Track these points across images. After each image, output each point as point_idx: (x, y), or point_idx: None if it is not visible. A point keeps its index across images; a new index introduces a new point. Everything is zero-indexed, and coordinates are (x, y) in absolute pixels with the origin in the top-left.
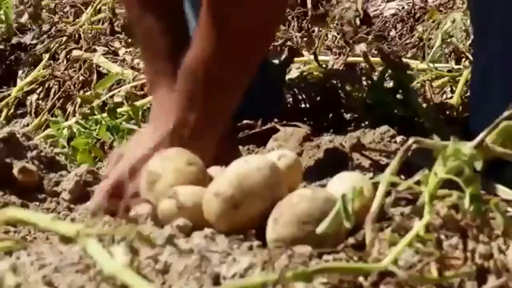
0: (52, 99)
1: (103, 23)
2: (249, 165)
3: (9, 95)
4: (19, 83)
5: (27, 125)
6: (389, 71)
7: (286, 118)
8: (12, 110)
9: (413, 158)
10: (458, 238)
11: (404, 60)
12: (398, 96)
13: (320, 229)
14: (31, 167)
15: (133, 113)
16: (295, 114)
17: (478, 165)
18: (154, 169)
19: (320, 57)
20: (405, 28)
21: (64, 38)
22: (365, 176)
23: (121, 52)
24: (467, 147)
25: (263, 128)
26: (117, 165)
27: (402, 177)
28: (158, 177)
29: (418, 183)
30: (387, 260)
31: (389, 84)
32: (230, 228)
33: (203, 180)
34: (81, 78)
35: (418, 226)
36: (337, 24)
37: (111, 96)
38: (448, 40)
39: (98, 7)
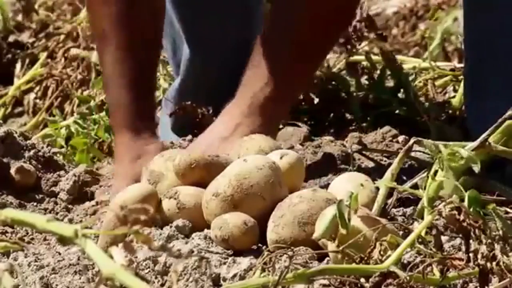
0: (50, 98)
1: None
2: (248, 165)
3: (6, 94)
4: (17, 82)
5: (25, 124)
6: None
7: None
8: (9, 109)
9: None
10: (460, 239)
11: (406, 58)
12: (399, 95)
13: (316, 235)
14: (28, 167)
15: None
16: (296, 114)
17: (476, 168)
18: (158, 169)
19: None
20: (407, 26)
21: (62, 37)
22: (367, 176)
23: None
24: (466, 149)
25: None
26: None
27: None
28: (161, 177)
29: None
30: (389, 261)
31: (390, 83)
32: None
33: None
34: (79, 77)
35: (419, 227)
36: None
37: None
38: (450, 38)
39: None
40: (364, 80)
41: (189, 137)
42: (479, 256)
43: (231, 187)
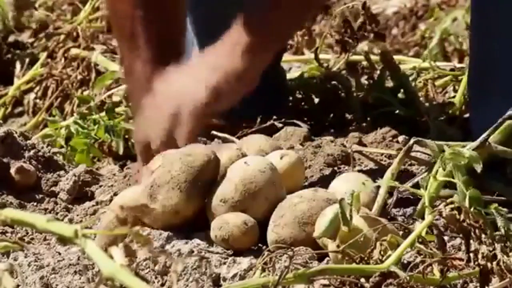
0: (50, 98)
1: (101, 21)
2: (252, 168)
3: (6, 94)
4: (17, 82)
5: (25, 124)
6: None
7: (286, 118)
8: (9, 109)
9: None
10: (460, 239)
11: (406, 58)
12: (399, 95)
13: (316, 233)
14: (28, 167)
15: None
16: (296, 114)
17: (479, 168)
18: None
19: (321, 56)
20: (407, 26)
21: (62, 37)
22: (367, 176)
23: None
24: (467, 149)
25: (262, 126)
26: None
27: None
28: None
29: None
30: (389, 261)
31: (391, 83)
32: None
33: None
34: (79, 77)
35: (420, 227)
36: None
37: (109, 96)
38: (449, 38)
39: (96, 4)
40: (364, 80)
41: None
42: (479, 256)
43: (238, 192)
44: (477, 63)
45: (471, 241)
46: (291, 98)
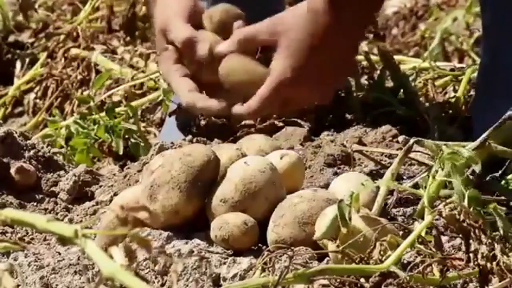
0: (50, 98)
1: (101, 21)
2: (251, 168)
3: (6, 94)
4: (17, 82)
5: (25, 124)
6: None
7: (286, 117)
8: (9, 109)
9: None
10: (460, 239)
11: (406, 58)
12: (399, 95)
13: (317, 235)
14: (28, 167)
15: (132, 112)
16: (296, 114)
17: (477, 168)
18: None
19: None
20: (407, 26)
21: (62, 37)
22: (367, 176)
23: (120, 50)
24: (467, 149)
25: (262, 125)
26: None
27: None
28: None
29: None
30: (389, 261)
31: (391, 83)
32: None
33: None
34: (79, 77)
35: (419, 227)
36: None
37: (110, 96)
38: (450, 38)
39: (96, 5)
40: (364, 80)
41: (189, 137)
42: (479, 256)
43: (238, 192)
44: (486, 65)
45: (471, 241)
46: None
